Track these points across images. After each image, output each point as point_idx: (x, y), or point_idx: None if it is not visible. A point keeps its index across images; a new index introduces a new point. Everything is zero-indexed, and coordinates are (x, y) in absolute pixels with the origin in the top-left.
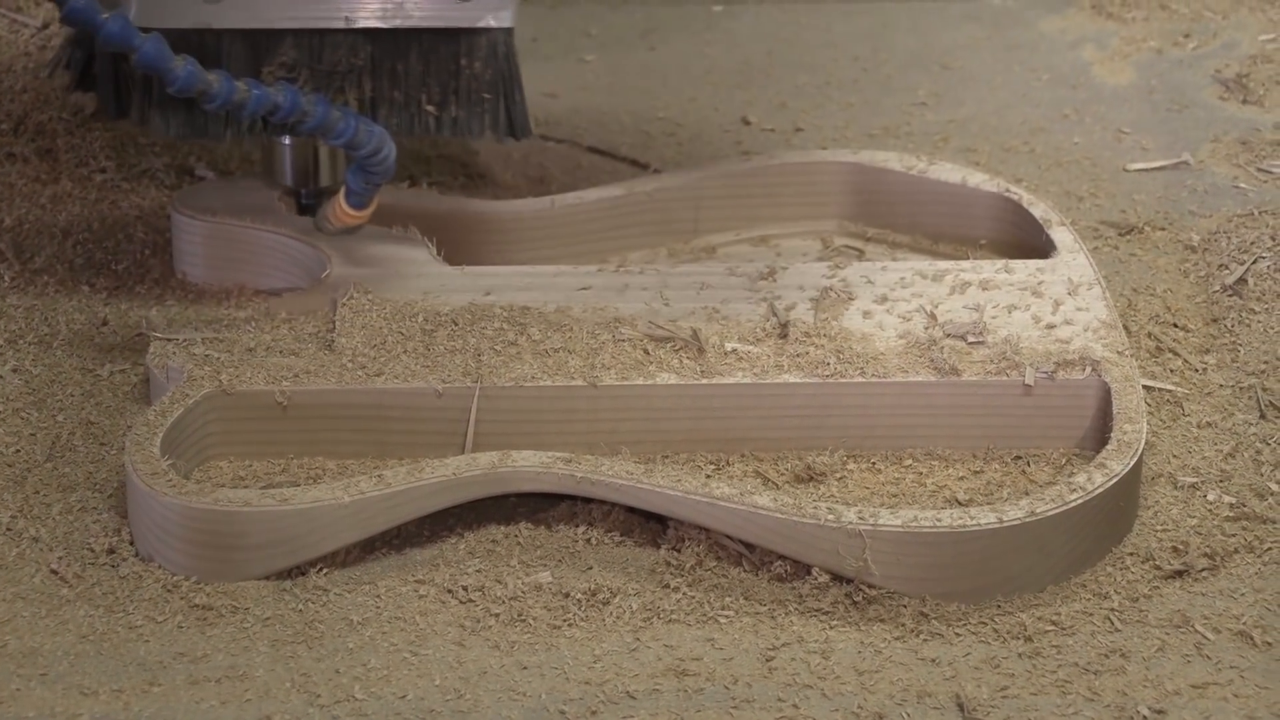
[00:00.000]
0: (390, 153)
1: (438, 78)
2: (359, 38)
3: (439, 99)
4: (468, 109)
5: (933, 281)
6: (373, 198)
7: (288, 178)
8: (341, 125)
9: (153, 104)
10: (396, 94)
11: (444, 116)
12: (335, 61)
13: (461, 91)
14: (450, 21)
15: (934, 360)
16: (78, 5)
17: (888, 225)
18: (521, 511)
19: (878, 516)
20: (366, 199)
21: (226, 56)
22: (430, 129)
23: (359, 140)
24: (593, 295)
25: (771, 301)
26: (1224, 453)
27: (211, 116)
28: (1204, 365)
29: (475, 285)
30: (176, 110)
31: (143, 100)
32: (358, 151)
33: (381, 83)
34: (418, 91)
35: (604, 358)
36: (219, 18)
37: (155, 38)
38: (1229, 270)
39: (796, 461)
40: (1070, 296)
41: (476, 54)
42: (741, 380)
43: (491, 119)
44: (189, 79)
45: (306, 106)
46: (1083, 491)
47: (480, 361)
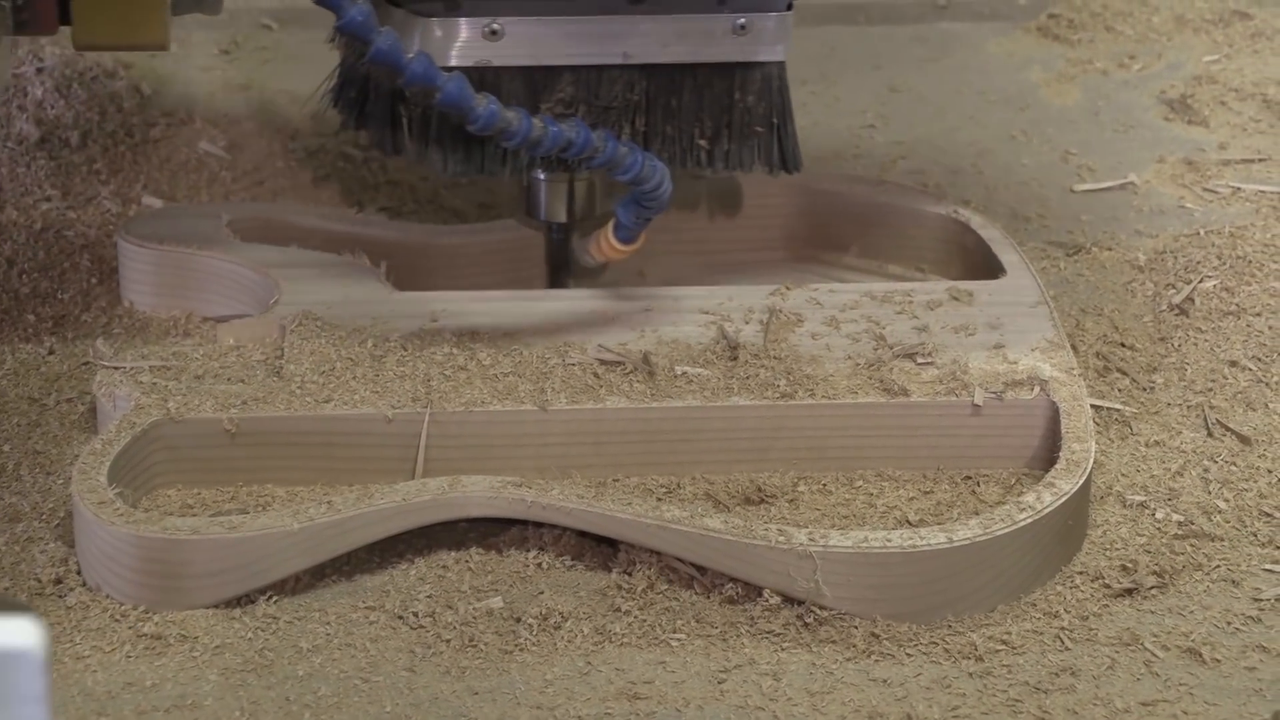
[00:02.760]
0: (669, 188)
1: (711, 112)
2: (635, 73)
3: (712, 133)
4: (739, 143)
5: (881, 303)
6: (642, 232)
7: (540, 212)
8: (629, 160)
9: (430, 141)
10: (669, 129)
11: (716, 150)
12: (612, 97)
13: (735, 125)
14: (727, 56)
15: (883, 381)
16: (383, 47)
17: (836, 247)
18: (472, 536)
19: (828, 538)
20: (636, 233)
21: (504, 94)
22: (701, 163)
23: (644, 175)
24: (542, 319)
25: (721, 324)
26: (1172, 471)
27: (490, 154)
28: (1151, 384)
29: (424, 310)
30: (455, 148)
31: (420, 138)
32: (641, 186)
33: (656, 117)
34: (691, 126)
35: (554, 382)
36: (500, 55)
37: (458, 77)
38: (1175, 290)
39: (747, 483)
40: (1018, 317)
41: (750, 88)
42: (692, 403)
43: (764, 152)
44: (490, 117)
45: (597, 142)
46: (1032, 511)
47: (430, 387)
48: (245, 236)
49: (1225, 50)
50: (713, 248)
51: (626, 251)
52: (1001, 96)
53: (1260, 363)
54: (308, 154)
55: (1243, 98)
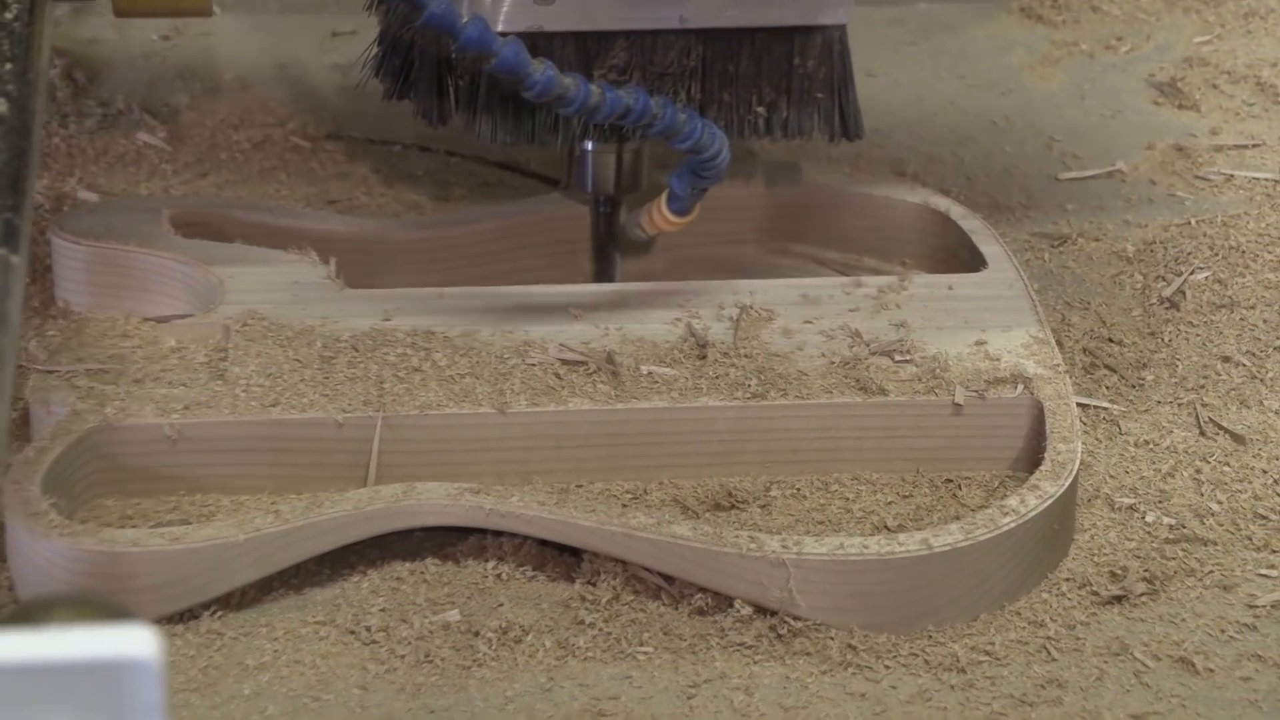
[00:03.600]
0: (726, 156)
1: (769, 78)
2: (692, 38)
3: (770, 100)
4: (799, 110)
5: (857, 298)
6: (697, 203)
7: (588, 184)
8: (688, 128)
9: (479, 110)
10: (726, 95)
11: (774, 118)
12: (667, 63)
13: (794, 92)
14: (786, 19)
15: (859, 380)
16: (437, 11)
17: (810, 240)
18: (428, 546)
19: (802, 544)
20: (691, 204)
21: (556, 60)
22: (760, 131)
23: (702, 143)
24: (500, 317)
25: (689, 321)
26: (1162, 472)
27: (541, 122)
28: (1141, 381)
29: (377, 309)
30: (505, 116)
31: (468, 107)
32: (699, 155)
33: (712, 84)
34: (749, 93)
35: (513, 383)
36: (551, 20)
37: (514, 42)
38: (1166, 282)
39: (717, 488)
40: (1001, 311)
41: (810, 52)
42: (658, 405)
43: (824, 119)
44: (548, 83)
45: (655, 109)
46: (1016, 515)
47: (382, 389)
48: (187, 232)
49: (1217, 31)
50: (680, 241)
51: (680, 223)
52: (983, 81)
53: (1254, 358)
54: (253, 145)
55: (1235, 80)
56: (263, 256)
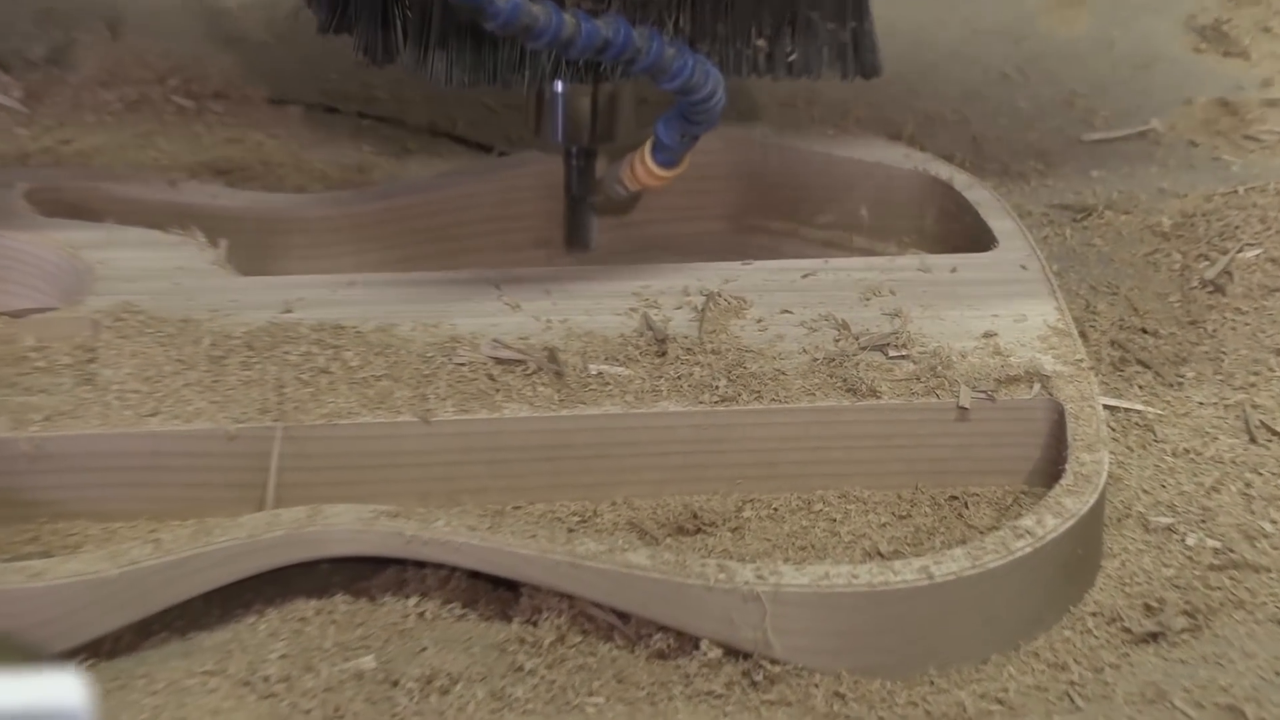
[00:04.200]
0: (721, 99)
1: (771, 6)
2: None
3: (772, 31)
4: (805, 44)
5: (845, 282)
6: (687, 153)
7: (558, 133)
8: (678, 64)
9: (431, 46)
10: (721, 27)
11: (776, 53)
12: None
13: (799, 22)
14: None
15: (847, 380)
16: None
17: (790, 215)
18: (337, 581)
19: (780, 574)
20: (679, 155)
21: None
22: (760, 68)
23: (694, 82)
24: (423, 308)
25: (646, 311)
26: (1206, 486)
27: (505, 59)
28: (1180, 379)
29: (276, 299)
30: (463, 52)
31: (418, 41)
32: (689, 96)
33: (704, 13)
34: (747, 23)
35: (438, 386)
36: None
37: None
38: (1209, 262)
39: (680, 509)
40: (1014, 297)
41: None
42: (610, 410)
43: (834, 55)
44: (513, 12)
45: (639, 42)
46: (1032, 538)
47: (283, 395)
48: (48, 210)
49: None
50: (636, 217)
51: (666, 177)
52: (992, 26)
53: None
54: (126, 106)
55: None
56: (139, 238)
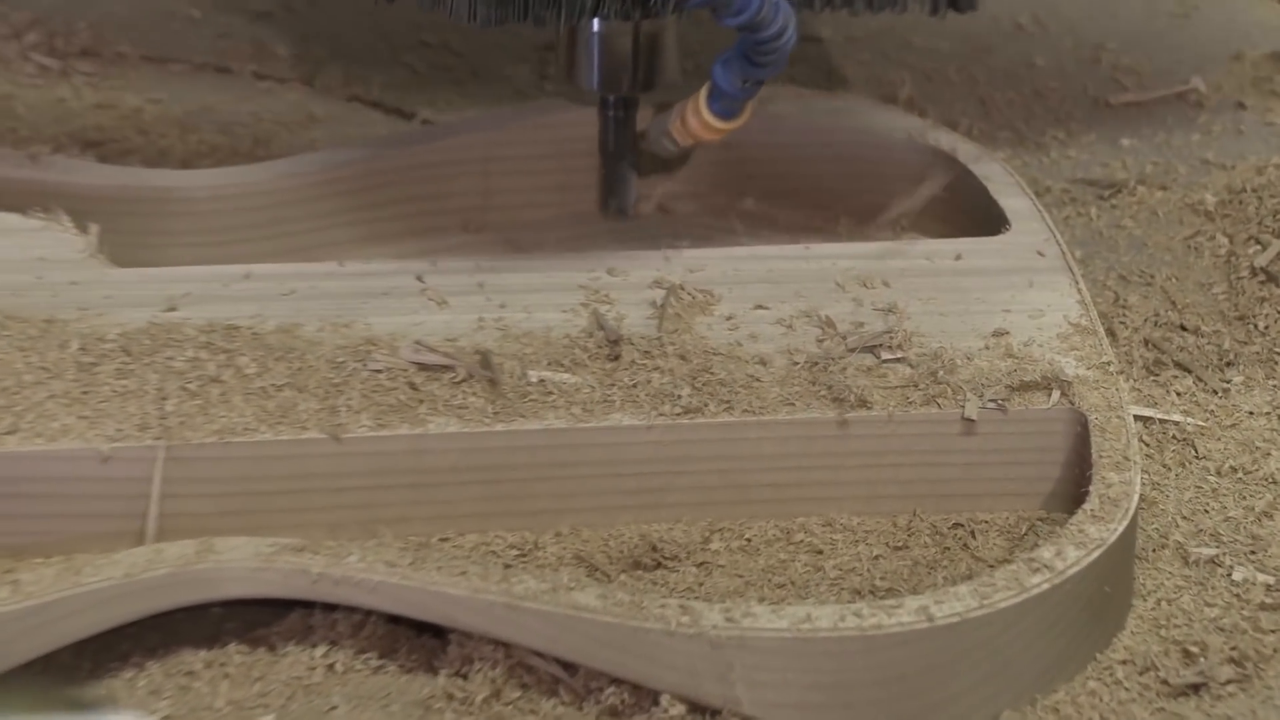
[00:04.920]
0: (792, 37)
1: None
2: None
3: None
4: None
5: (830, 272)
6: (748, 102)
7: (593, 79)
8: None
9: None
10: None
11: None
12: None
13: None
14: None
15: (833, 388)
16: None
17: (768, 193)
18: (231, 628)
19: (754, 617)
20: (740, 104)
21: None
22: (835, 1)
23: (762, 17)
24: (332, 305)
25: (596, 307)
26: (1256, 511)
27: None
28: (1226, 385)
29: (157, 294)
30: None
31: None
32: (756, 34)
33: None
34: None
35: (350, 398)
36: None
37: None
38: (1260, 246)
39: (636, 540)
40: (1029, 289)
41: None
42: (554, 424)
43: None
44: None
45: None
46: (1051, 572)
47: (166, 409)
48: None
49: None
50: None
51: (724, 130)
52: None
53: None
54: None
55: None
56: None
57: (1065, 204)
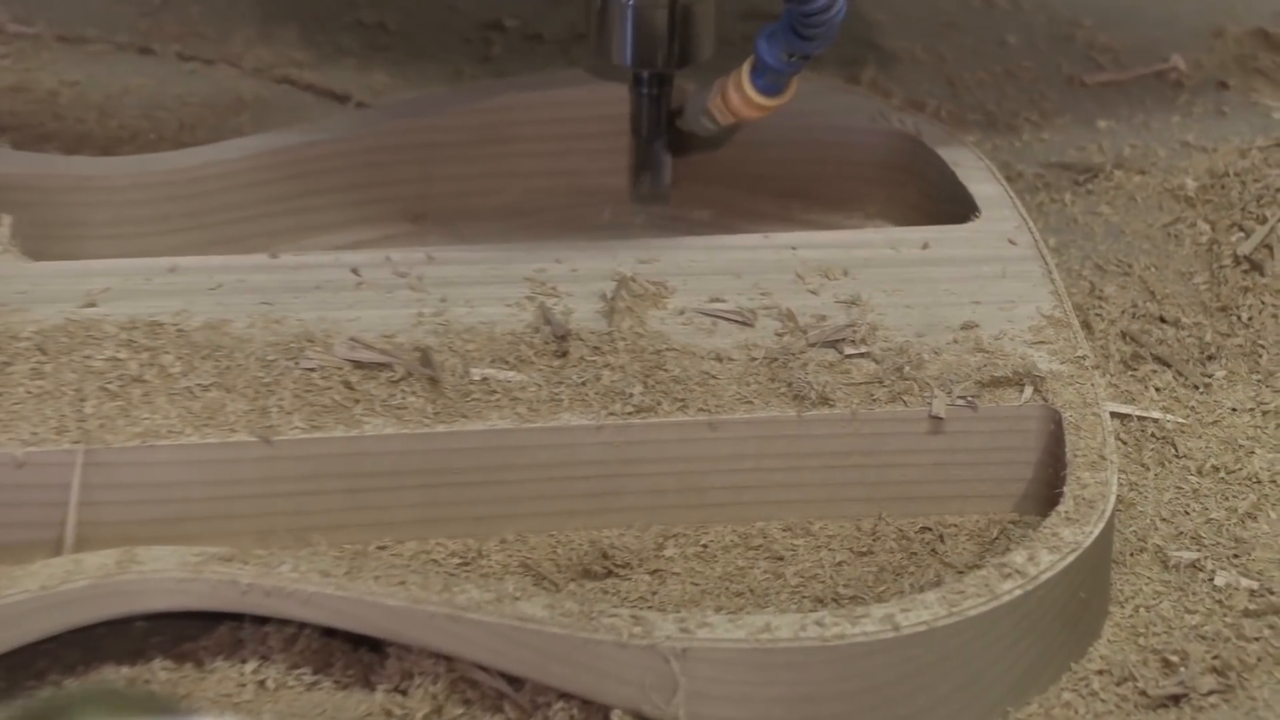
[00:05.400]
0: (843, 8)
1: None
2: None
3: None
4: None
5: (789, 263)
6: (793, 79)
7: (625, 55)
8: None
9: None
10: None
11: None
12: None
13: None
14: None
15: (793, 384)
16: None
17: (723, 179)
18: (156, 642)
19: (711, 627)
20: (785, 79)
21: None
22: None
23: None
24: (262, 299)
25: (542, 301)
26: (1239, 513)
27: None
28: (1207, 380)
29: (75, 289)
30: None
31: None
32: (807, 5)
33: None
34: None
35: (282, 398)
36: None
37: None
38: (1244, 234)
39: (585, 547)
40: (1000, 279)
41: None
42: (498, 425)
43: None
44: None
45: None
46: (1023, 578)
47: (84, 411)
48: None
49: None
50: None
51: (767, 106)
52: None
53: None
54: None
55: None
56: None
57: (1038, 189)
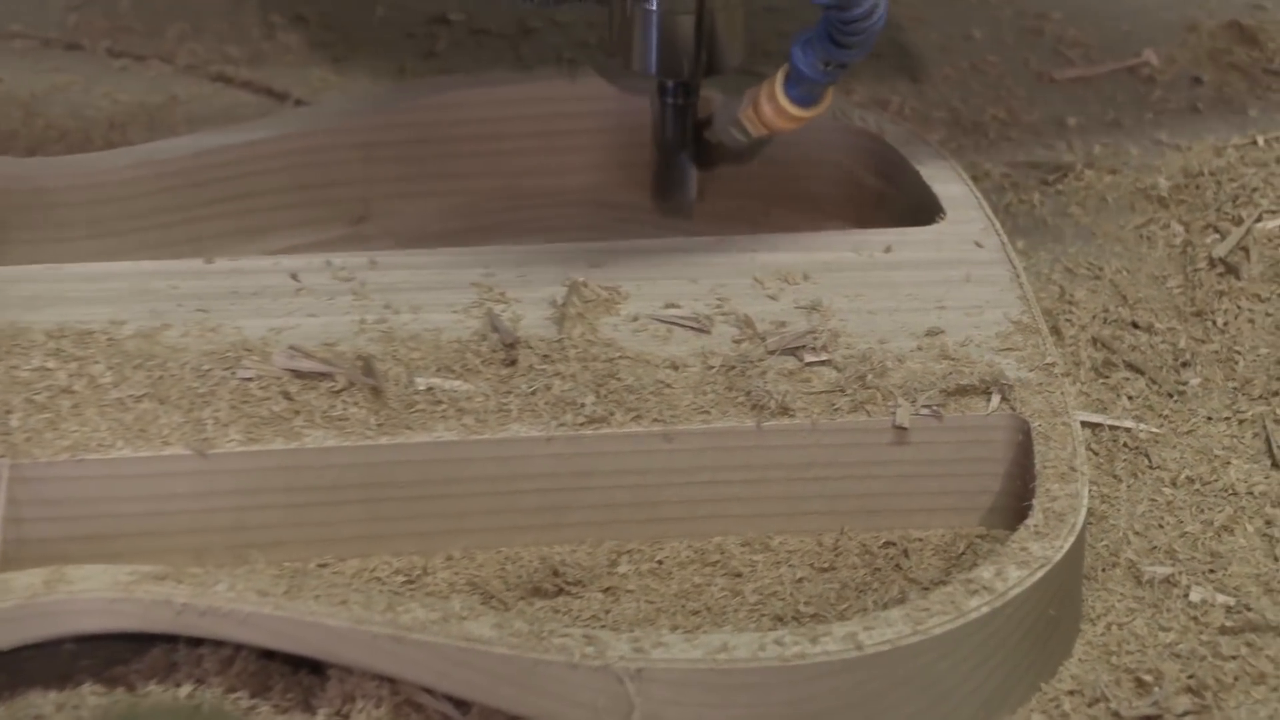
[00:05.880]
0: (882, 17)
1: None
2: None
3: None
4: None
5: (747, 266)
6: (829, 89)
7: (650, 62)
8: None
9: None
10: None
11: None
12: None
13: None
14: None
15: (751, 394)
16: None
17: None
18: (86, 665)
19: (666, 646)
20: (820, 89)
21: None
22: None
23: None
24: (197, 306)
25: (490, 307)
26: (1215, 526)
27: None
28: (1181, 387)
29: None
30: None
31: None
32: (845, 12)
33: None
34: None
35: (218, 409)
36: None
37: None
38: (1219, 235)
39: (536, 564)
40: (966, 283)
41: None
42: (444, 437)
43: None
44: None
45: None
46: (991, 594)
47: (10, 424)
48: None
49: None
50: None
51: (802, 118)
52: None
53: None
54: None
55: None
56: None
57: (1005, 190)
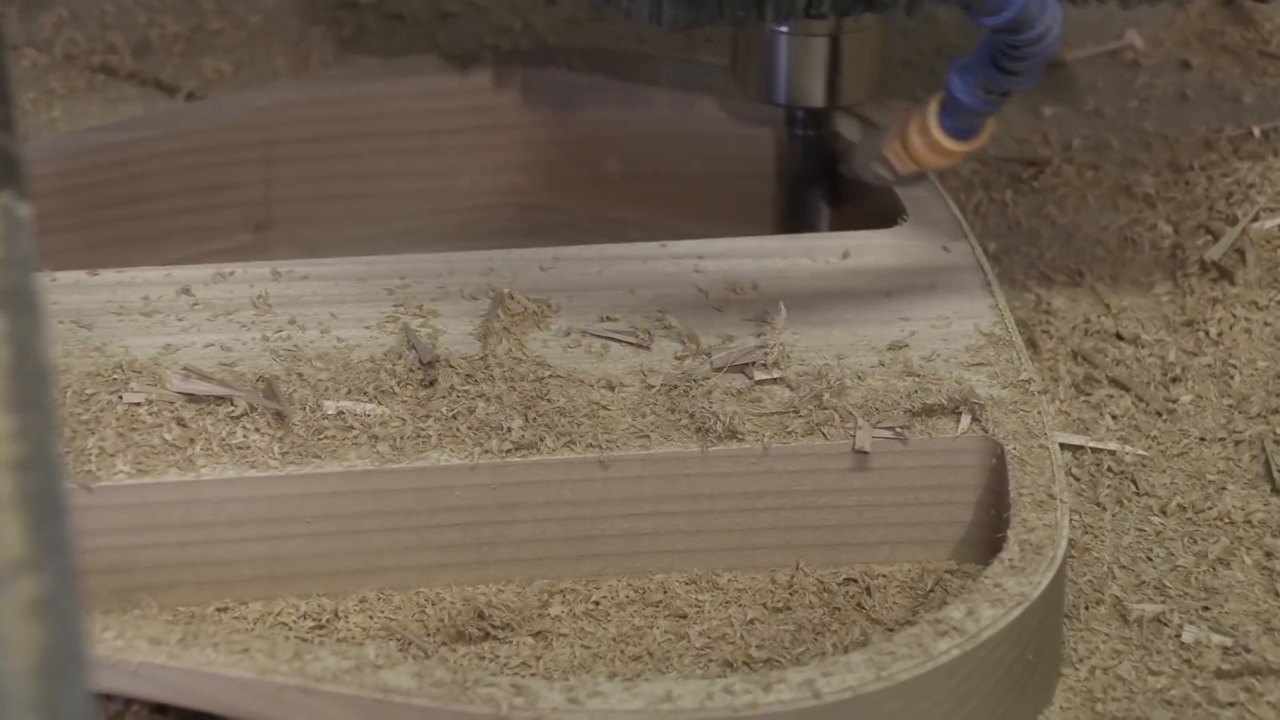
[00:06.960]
0: (1055, 41)
1: None
2: None
3: None
4: None
5: (689, 275)
6: (989, 119)
7: (778, 90)
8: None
9: None
10: None
11: None
12: None
13: None
14: None
15: (695, 415)
16: None
17: (596, 181)
18: None
19: (602, 697)
20: (979, 120)
21: None
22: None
23: (1026, 17)
24: (81, 322)
25: (406, 322)
26: (1210, 558)
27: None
28: (1171, 404)
29: None
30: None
31: None
32: (1016, 35)
33: None
34: None
35: (104, 437)
36: None
37: None
38: (1211, 236)
39: (459, 605)
40: (931, 292)
41: None
42: (356, 466)
43: None
44: None
45: None
46: (961, 635)
47: None
48: None
49: None
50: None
51: (957, 153)
52: None
53: None
54: None
55: None
56: None
57: (975, 188)
